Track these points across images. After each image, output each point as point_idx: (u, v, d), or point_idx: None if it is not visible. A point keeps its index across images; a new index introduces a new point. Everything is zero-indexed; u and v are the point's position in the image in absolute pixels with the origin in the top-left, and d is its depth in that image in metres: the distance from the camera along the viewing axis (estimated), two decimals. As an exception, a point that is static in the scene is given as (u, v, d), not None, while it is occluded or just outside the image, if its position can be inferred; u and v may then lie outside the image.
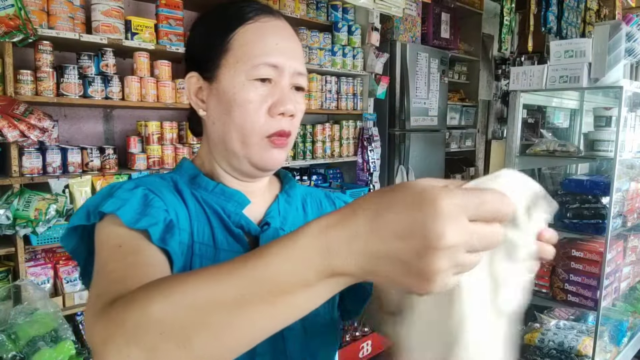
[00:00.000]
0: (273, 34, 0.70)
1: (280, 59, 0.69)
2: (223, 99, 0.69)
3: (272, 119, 0.69)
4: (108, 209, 0.60)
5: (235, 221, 0.71)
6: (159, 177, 0.73)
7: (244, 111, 0.68)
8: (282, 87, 0.70)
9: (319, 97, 3.06)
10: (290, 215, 0.79)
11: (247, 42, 0.68)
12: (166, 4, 2.35)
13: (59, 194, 2.01)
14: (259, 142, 0.69)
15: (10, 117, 1.81)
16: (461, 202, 0.34)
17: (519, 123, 2.51)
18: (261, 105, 0.68)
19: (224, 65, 0.69)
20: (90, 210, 0.64)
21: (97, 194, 0.67)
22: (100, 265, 0.56)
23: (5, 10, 1.80)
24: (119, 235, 0.59)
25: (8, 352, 1.66)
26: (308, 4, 2.99)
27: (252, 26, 0.69)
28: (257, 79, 0.68)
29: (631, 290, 2.95)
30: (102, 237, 0.60)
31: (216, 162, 0.74)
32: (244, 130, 0.68)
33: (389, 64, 3.43)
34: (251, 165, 0.71)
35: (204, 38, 0.72)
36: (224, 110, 0.69)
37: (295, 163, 3.01)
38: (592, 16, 4.99)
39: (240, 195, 0.73)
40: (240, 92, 0.68)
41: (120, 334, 0.40)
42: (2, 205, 1.87)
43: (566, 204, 2.46)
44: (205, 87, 0.72)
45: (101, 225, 0.62)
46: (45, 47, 1.98)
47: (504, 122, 5.03)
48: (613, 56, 2.17)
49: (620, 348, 2.66)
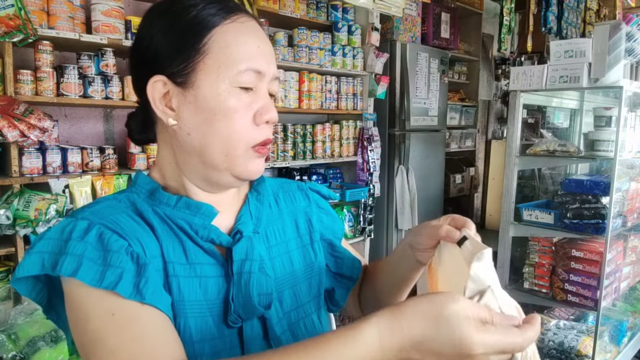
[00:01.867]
0: (254, 37, 0.65)
1: (263, 64, 0.65)
2: (203, 107, 0.63)
3: (257, 128, 0.65)
4: (66, 273, 0.55)
5: (204, 236, 0.66)
6: (114, 199, 0.66)
7: (230, 121, 0.63)
8: (263, 94, 0.66)
9: (319, 97, 3.06)
10: (263, 215, 0.75)
11: (228, 45, 0.63)
12: (166, 4, 2.35)
13: (59, 194, 2.01)
14: (244, 153, 0.65)
15: (10, 117, 1.81)
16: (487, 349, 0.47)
17: (519, 123, 2.51)
18: (246, 114, 0.64)
19: (202, 69, 0.62)
20: (45, 261, 0.57)
21: (48, 237, 0.59)
22: (97, 338, 0.53)
23: (5, 10, 1.79)
24: (101, 299, 0.55)
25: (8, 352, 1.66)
26: (308, 4, 2.98)
27: (231, 26, 0.64)
28: (242, 86, 0.63)
29: (631, 290, 2.95)
30: (80, 300, 0.55)
31: (184, 175, 0.68)
32: (230, 141, 0.63)
33: (389, 64, 3.43)
34: (233, 176, 0.67)
35: (171, 37, 0.64)
36: (205, 120, 0.63)
37: (295, 163, 3.01)
38: (592, 16, 4.99)
39: (207, 208, 0.67)
40: (225, 100, 0.62)
41: None
42: (2, 205, 1.87)
43: (566, 204, 2.46)
44: (176, 93, 0.64)
45: (68, 287, 0.57)
46: (45, 47, 1.98)
47: (504, 122, 5.03)
48: (613, 56, 2.17)
49: (620, 348, 2.66)
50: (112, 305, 0.54)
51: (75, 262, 0.55)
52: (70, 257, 0.56)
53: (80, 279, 0.54)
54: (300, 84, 2.97)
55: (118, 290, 0.54)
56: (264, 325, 0.67)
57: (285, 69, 2.89)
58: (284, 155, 2.93)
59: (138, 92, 0.70)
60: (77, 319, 0.56)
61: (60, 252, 0.57)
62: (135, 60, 0.69)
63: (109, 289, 0.54)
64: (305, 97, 2.99)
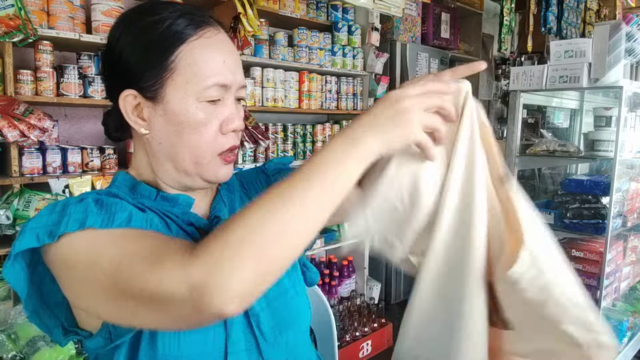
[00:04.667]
0: (219, 51, 0.67)
1: (229, 76, 0.68)
2: (173, 121, 0.66)
3: (223, 137, 0.69)
4: (72, 228, 0.56)
5: (185, 220, 0.71)
6: (96, 193, 0.68)
7: (197, 133, 0.66)
8: (229, 104, 0.69)
9: (319, 97, 3.06)
10: (236, 203, 0.81)
11: (195, 62, 0.65)
12: (166, 4, 2.35)
13: (59, 194, 2.01)
14: (212, 160, 0.69)
15: (10, 117, 1.81)
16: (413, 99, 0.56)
17: (519, 123, 2.51)
18: (213, 125, 0.67)
19: (170, 85, 0.65)
20: (38, 232, 0.57)
21: (39, 215, 0.60)
22: (119, 254, 0.54)
23: (5, 10, 1.79)
24: (113, 232, 0.56)
25: (8, 352, 1.66)
26: (308, 4, 2.98)
27: (197, 43, 0.66)
28: (209, 100, 0.66)
29: (631, 290, 2.95)
30: (89, 244, 0.56)
31: (158, 177, 0.73)
32: (198, 151, 0.68)
33: (389, 64, 3.43)
34: (203, 180, 0.71)
35: (139, 53, 0.66)
36: (174, 132, 0.67)
37: (296, 163, 3.01)
38: (592, 16, 4.99)
39: (184, 198, 0.72)
40: (194, 115, 0.66)
41: (228, 257, 0.47)
42: (2, 205, 1.87)
43: (566, 204, 2.46)
44: (146, 105, 0.67)
45: (73, 241, 0.56)
46: (45, 47, 1.98)
47: (504, 122, 5.03)
48: (613, 56, 2.17)
49: (620, 348, 2.66)
50: (127, 231, 0.58)
51: (80, 217, 0.57)
52: (74, 215, 0.57)
53: (90, 226, 0.56)
54: (300, 84, 2.97)
55: (132, 225, 0.58)
56: None
57: (285, 69, 2.89)
58: (284, 155, 2.93)
59: (111, 98, 0.73)
60: (93, 258, 0.55)
61: (58, 221, 0.57)
62: (105, 71, 0.72)
63: (122, 226, 0.57)
64: (305, 97, 2.99)
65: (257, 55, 2.76)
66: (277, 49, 2.84)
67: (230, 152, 0.70)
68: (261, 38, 2.76)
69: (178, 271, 0.48)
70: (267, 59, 2.79)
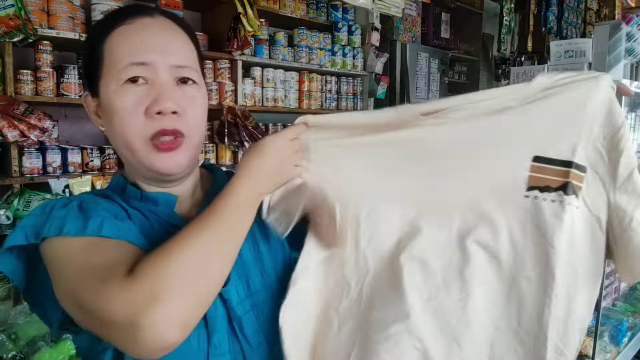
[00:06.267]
0: (137, 33, 0.67)
1: (150, 55, 0.65)
2: (106, 112, 0.67)
3: (151, 120, 0.65)
4: (52, 233, 0.59)
5: (168, 221, 0.71)
6: (92, 193, 0.74)
7: (121, 118, 0.65)
8: (159, 85, 0.66)
9: (319, 97, 3.07)
10: None
11: (113, 48, 0.66)
12: (166, 4, 2.35)
13: (59, 194, 2.01)
14: (143, 147, 0.66)
15: (10, 117, 1.81)
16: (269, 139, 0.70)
17: (519, 123, 2.50)
18: (136, 108, 0.65)
19: (100, 77, 0.67)
20: (27, 232, 0.61)
21: (31, 214, 0.64)
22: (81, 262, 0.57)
23: (5, 10, 1.80)
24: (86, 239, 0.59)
25: (8, 352, 1.66)
26: (308, 4, 2.98)
27: (118, 31, 0.66)
28: (127, 80, 0.65)
29: (631, 290, 2.95)
30: (64, 249, 0.59)
31: (133, 174, 0.73)
32: (125, 137, 0.66)
33: (389, 64, 3.43)
34: (151, 170, 0.68)
35: (84, 56, 0.72)
36: (109, 121, 0.67)
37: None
38: (592, 16, 4.99)
39: (164, 196, 0.71)
40: (114, 100, 0.65)
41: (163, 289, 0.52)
42: (2, 205, 1.87)
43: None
44: (96, 103, 0.70)
45: (52, 245, 0.60)
46: (45, 47, 1.98)
47: (504, 122, 5.02)
48: (613, 56, 2.17)
49: (620, 348, 2.66)
50: (96, 239, 0.60)
51: (59, 223, 0.60)
52: (55, 220, 0.61)
53: (65, 234, 0.59)
54: (300, 84, 2.97)
55: (102, 234, 0.60)
56: (226, 306, 0.69)
57: (285, 69, 2.89)
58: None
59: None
60: (63, 264, 0.59)
61: (43, 223, 0.61)
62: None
63: (94, 234, 0.59)
64: (305, 97, 2.99)
65: (257, 55, 2.76)
66: (277, 49, 2.84)
67: (162, 135, 0.65)
68: (261, 38, 2.76)
69: (119, 300, 0.52)
70: (267, 59, 2.79)
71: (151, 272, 0.53)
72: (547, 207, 0.66)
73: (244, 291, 0.71)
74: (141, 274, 0.53)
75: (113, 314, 0.51)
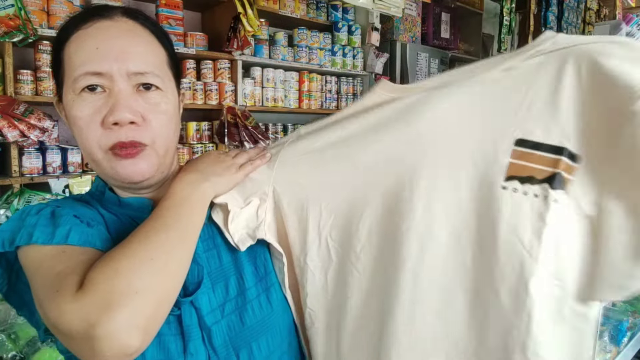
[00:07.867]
0: (93, 38, 0.62)
1: (104, 63, 0.61)
2: (68, 119, 0.66)
3: (109, 131, 0.62)
4: (22, 242, 0.58)
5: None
6: (72, 197, 0.72)
7: (79, 128, 0.63)
8: (117, 94, 0.62)
9: (319, 97, 3.07)
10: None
11: (70, 55, 0.63)
12: (166, 4, 2.35)
13: (59, 194, 2.01)
14: (104, 157, 0.63)
15: (10, 117, 1.81)
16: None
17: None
18: (93, 119, 0.62)
19: (63, 84, 0.65)
20: (4, 238, 0.60)
21: (10, 219, 0.64)
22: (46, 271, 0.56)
23: (5, 10, 1.80)
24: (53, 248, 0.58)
25: (8, 352, 1.66)
26: (308, 4, 2.99)
27: (76, 36, 0.63)
28: (83, 90, 0.62)
29: (631, 290, 2.94)
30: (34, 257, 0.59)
31: (104, 180, 0.72)
32: (85, 147, 0.64)
33: (389, 64, 3.42)
34: (114, 179, 0.67)
35: (51, 58, 0.69)
36: (71, 130, 0.66)
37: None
38: (592, 16, 4.99)
39: (138, 200, 0.70)
40: (72, 109, 0.63)
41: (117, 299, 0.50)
42: (2, 205, 1.87)
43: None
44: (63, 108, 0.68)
45: (24, 253, 0.60)
46: (45, 47, 1.98)
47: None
48: (613, 56, 2.17)
49: (620, 348, 2.66)
50: (62, 247, 0.59)
51: (30, 231, 0.59)
52: (26, 228, 0.60)
53: (34, 242, 0.58)
54: (300, 84, 2.97)
55: (69, 241, 0.58)
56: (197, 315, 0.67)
57: (285, 69, 2.89)
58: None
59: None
60: (31, 273, 0.58)
61: (17, 231, 0.60)
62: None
63: (61, 243, 0.58)
64: (305, 97, 2.99)
65: (257, 55, 2.76)
66: (277, 49, 2.84)
67: (120, 147, 0.62)
68: (261, 38, 2.76)
69: (72, 311, 0.50)
70: (267, 59, 2.79)
71: (101, 279, 0.52)
72: (528, 203, 0.53)
73: (221, 297, 0.69)
74: (92, 283, 0.51)
75: (67, 325, 0.50)
